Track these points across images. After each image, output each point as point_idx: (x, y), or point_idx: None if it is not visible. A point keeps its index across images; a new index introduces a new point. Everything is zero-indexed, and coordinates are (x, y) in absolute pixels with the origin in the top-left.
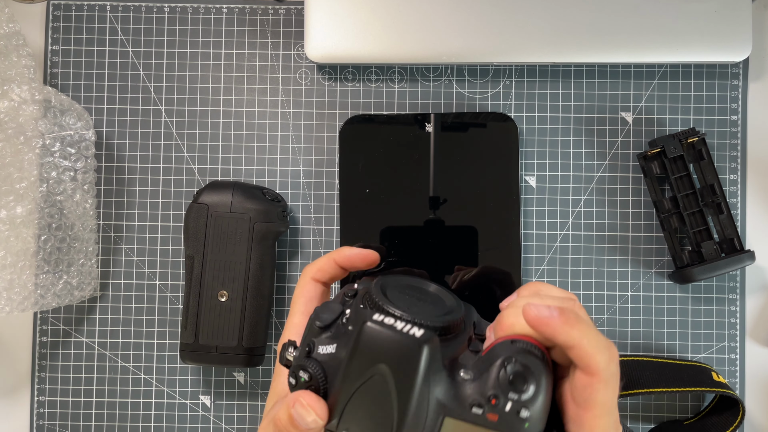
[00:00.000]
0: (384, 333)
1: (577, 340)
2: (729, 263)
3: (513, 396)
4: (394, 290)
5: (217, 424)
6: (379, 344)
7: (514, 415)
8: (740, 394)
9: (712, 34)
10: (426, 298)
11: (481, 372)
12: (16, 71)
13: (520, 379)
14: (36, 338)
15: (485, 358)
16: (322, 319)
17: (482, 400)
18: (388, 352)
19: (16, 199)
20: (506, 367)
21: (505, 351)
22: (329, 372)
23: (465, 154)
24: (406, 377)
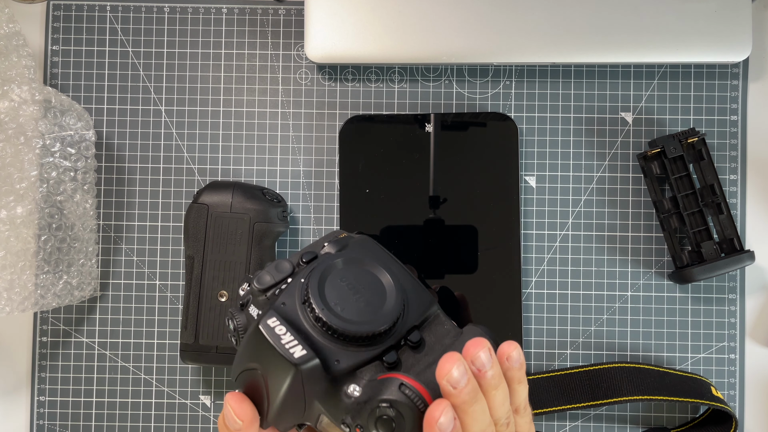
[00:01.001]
0: (266, 342)
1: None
2: (729, 263)
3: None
4: (337, 278)
5: (216, 424)
6: (260, 349)
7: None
8: (740, 395)
9: (712, 34)
10: (366, 293)
11: (366, 397)
12: (16, 71)
13: (387, 425)
14: (36, 338)
15: (376, 385)
16: (261, 281)
17: (350, 422)
18: (264, 359)
19: (17, 200)
20: (380, 407)
21: (388, 392)
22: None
23: (465, 154)
24: (276, 383)
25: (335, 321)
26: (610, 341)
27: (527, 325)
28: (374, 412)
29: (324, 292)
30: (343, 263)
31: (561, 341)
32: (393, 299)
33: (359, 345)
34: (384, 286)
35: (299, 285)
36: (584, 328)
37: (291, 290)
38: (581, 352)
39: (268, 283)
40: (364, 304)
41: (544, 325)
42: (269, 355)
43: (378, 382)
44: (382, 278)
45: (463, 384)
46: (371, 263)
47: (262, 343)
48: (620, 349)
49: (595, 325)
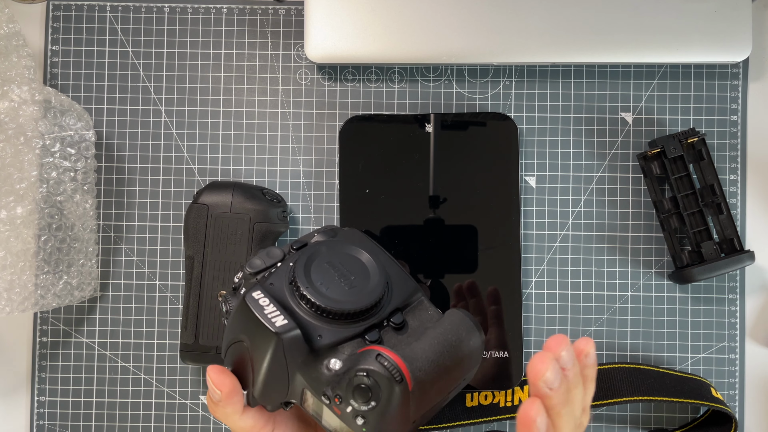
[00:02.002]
0: (251, 312)
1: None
2: (729, 263)
3: (353, 403)
4: (323, 261)
5: (217, 424)
6: (245, 320)
7: (352, 417)
8: (740, 395)
9: (712, 34)
10: (350, 275)
11: (346, 368)
12: (16, 72)
13: (363, 393)
14: (36, 338)
15: (356, 358)
16: (252, 265)
17: (330, 393)
18: (249, 330)
19: (17, 200)
20: (356, 376)
21: (366, 361)
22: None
23: (465, 154)
24: (260, 354)
25: (319, 298)
26: (609, 341)
27: (527, 325)
28: (351, 381)
29: (310, 273)
30: (328, 247)
31: None
32: (376, 280)
33: (342, 322)
34: (368, 269)
35: (287, 268)
36: (584, 328)
37: (280, 273)
38: None
39: (259, 267)
40: (347, 285)
41: (544, 325)
42: (253, 326)
43: (357, 354)
44: (365, 262)
45: (557, 385)
46: (356, 249)
47: (246, 314)
48: (620, 348)
49: (595, 325)
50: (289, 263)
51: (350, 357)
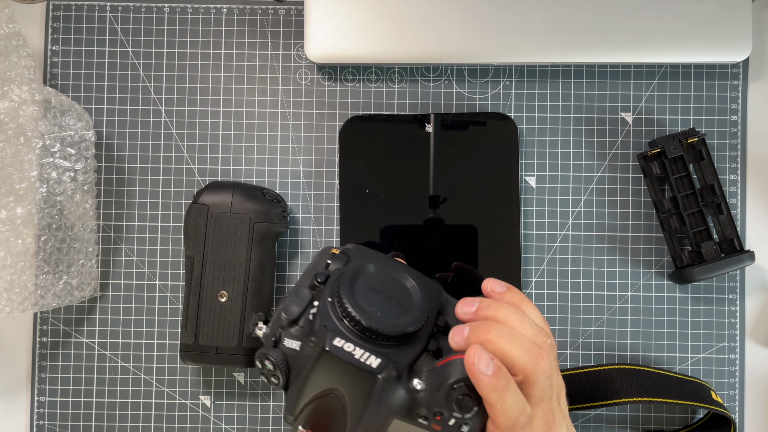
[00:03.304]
0: (340, 362)
1: (493, 402)
2: (729, 263)
3: (457, 415)
4: (363, 287)
5: (217, 424)
6: (337, 371)
7: (457, 428)
8: (740, 395)
9: (712, 35)
10: (394, 295)
11: (434, 385)
12: (16, 72)
13: (466, 403)
14: (36, 338)
15: (439, 372)
16: (289, 312)
17: (429, 414)
18: (345, 379)
19: (17, 200)
20: (455, 389)
21: (458, 372)
22: (292, 367)
23: (465, 154)
24: (360, 400)
25: (383, 326)
26: (609, 341)
27: None
28: (450, 395)
29: (359, 304)
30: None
31: (561, 342)
32: (417, 293)
33: (406, 343)
34: (402, 282)
35: (329, 304)
36: (584, 328)
37: (324, 312)
38: (581, 352)
39: (297, 313)
40: (396, 304)
41: None
42: (346, 373)
43: (438, 369)
44: (399, 278)
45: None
46: (380, 265)
47: (334, 365)
48: (620, 349)
49: (594, 326)
50: (327, 299)
51: (430, 373)
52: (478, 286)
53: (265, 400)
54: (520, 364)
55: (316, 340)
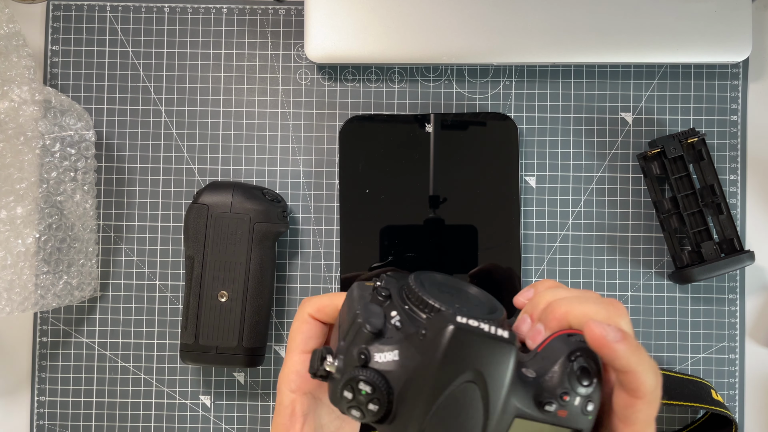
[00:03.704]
0: (475, 337)
1: (634, 366)
2: (729, 263)
3: (581, 391)
4: (434, 288)
5: (217, 424)
6: (472, 349)
7: (582, 408)
8: (740, 395)
9: (712, 35)
10: (464, 295)
11: (545, 369)
12: (16, 72)
13: (585, 374)
14: (36, 338)
15: (543, 354)
16: (373, 324)
17: (553, 397)
18: (482, 356)
19: (17, 200)
20: (573, 362)
21: (567, 346)
22: (394, 383)
23: (465, 154)
24: (497, 382)
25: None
26: None
27: None
28: (572, 371)
29: (447, 303)
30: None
31: None
32: (484, 293)
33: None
34: (468, 289)
35: (410, 312)
36: None
37: (408, 319)
38: None
39: (381, 323)
40: (474, 298)
41: None
42: (482, 352)
43: (541, 352)
44: (460, 285)
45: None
46: (436, 275)
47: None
48: None
49: None
50: (404, 306)
51: (534, 360)
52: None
53: (265, 400)
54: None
55: (432, 330)
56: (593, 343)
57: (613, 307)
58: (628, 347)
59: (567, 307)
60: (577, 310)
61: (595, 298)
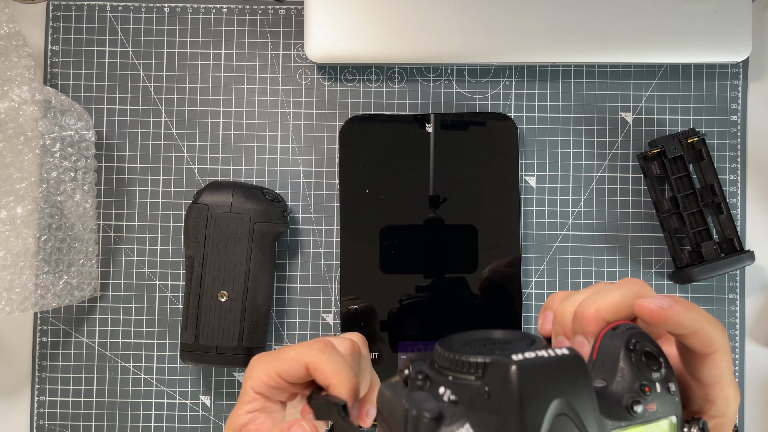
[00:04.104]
0: (541, 367)
1: (698, 323)
2: (729, 263)
3: (656, 375)
4: (465, 348)
5: (217, 424)
6: (544, 380)
7: (666, 393)
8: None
9: (712, 35)
10: (496, 341)
11: (611, 371)
12: (17, 71)
13: (652, 358)
14: (36, 338)
15: (600, 359)
16: (430, 410)
17: (636, 394)
18: (558, 383)
19: (17, 200)
20: (633, 352)
21: (619, 339)
22: None
23: (465, 154)
24: (585, 404)
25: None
26: None
27: (527, 325)
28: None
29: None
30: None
31: None
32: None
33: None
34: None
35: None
36: None
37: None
38: None
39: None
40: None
41: None
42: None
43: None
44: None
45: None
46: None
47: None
48: None
49: None
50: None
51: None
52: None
53: None
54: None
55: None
56: (653, 319)
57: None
58: (685, 307)
59: (595, 306)
60: (607, 302)
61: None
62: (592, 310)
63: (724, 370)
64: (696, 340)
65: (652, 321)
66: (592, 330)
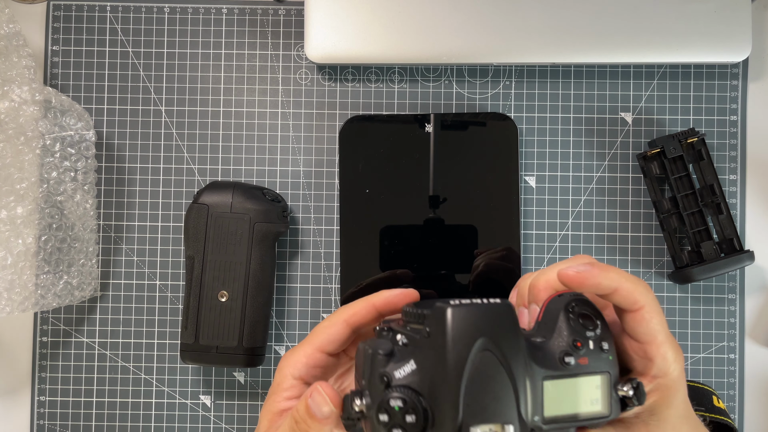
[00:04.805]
0: (471, 308)
1: (617, 282)
2: (728, 263)
3: (590, 334)
4: (425, 304)
5: (217, 424)
6: (472, 319)
7: (599, 350)
8: (739, 395)
9: (711, 35)
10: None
11: (550, 331)
12: (17, 72)
13: (588, 319)
14: (36, 338)
15: (544, 321)
16: (383, 347)
17: (569, 348)
18: (484, 323)
19: (17, 200)
20: (571, 311)
21: (560, 303)
22: (421, 389)
23: (465, 154)
24: (509, 343)
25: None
26: None
27: None
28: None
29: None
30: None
31: None
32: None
33: None
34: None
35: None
36: None
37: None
38: None
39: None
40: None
41: None
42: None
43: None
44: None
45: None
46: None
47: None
48: None
49: None
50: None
51: (539, 328)
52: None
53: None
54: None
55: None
56: (572, 283)
57: (580, 257)
58: (601, 269)
59: (545, 277)
60: (553, 273)
61: (563, 261)
62: (542, 281)
63: (655, 327)
64: (620, 298)
65: (572, 285)
66: (542, 298)
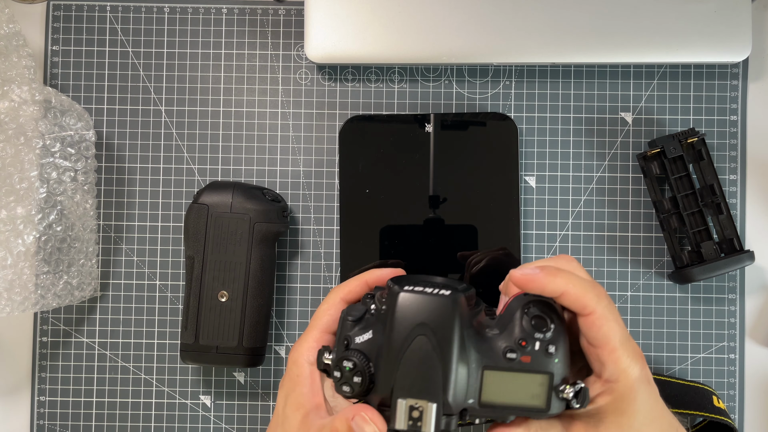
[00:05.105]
0: (417, 296)
1: (562, 287)
2: (728, 263)
3: (538, 336)
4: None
5: (217, 424)
6: (416, 306)
7: (544, 352)
8: (739, 395)
9: (711, 35)
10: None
11: (504, 326)
12: (17, 72)
13: (540, 321)
14: (36, 338)
15: (504, 315)
16: (353, 314)
17: (513, 345)
18: (425, 311)
19: (17, 200)
20: (526, 312)
21: (521, 301)
22: (371, 356)
23: (465, 154)
24: (445, 332)
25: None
26: None
27: None
28: (527, 320)
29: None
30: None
31: None
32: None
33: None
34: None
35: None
36: None
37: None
38: None
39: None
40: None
41: None
42: (425, 308)
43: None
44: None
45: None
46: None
47: (410, 305)
48: None
49: None
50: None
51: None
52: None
53: (266, 400)
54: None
55: (387, 305)
56: (519, 285)
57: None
58: (548, 273)
59: (516, 274)
60: (520, 272)
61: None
62: (516, 276)
63: (607, 333)
64: (569, 302)
65: (520, 286)
66: (512, 292)
